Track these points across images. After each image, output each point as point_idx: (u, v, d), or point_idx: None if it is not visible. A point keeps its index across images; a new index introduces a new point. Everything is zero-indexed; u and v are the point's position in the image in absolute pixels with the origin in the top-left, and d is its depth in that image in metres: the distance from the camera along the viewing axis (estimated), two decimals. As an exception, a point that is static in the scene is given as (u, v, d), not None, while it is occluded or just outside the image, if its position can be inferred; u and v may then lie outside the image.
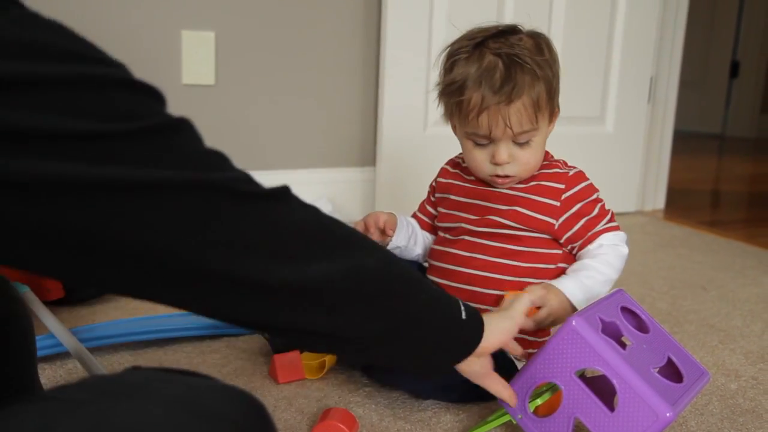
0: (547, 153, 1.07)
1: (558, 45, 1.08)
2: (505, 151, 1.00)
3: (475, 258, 1.06)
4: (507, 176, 1.02)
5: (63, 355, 1.11)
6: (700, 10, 3.91)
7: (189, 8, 1.83)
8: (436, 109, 1.08)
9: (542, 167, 1.06)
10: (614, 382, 0.80)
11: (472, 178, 1.09)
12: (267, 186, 0.57)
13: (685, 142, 3.59)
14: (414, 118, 2.02)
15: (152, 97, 0.52)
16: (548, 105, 1.00)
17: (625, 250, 1.05)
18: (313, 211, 0.61)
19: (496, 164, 1.01)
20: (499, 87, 0.96)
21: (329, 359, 1.09)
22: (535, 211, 1.03)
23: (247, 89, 1.92)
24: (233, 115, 1.92)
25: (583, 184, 1.05)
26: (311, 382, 1.08)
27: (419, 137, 2.03)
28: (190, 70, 1.84)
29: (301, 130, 2.01)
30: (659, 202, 2.48)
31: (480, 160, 1.03)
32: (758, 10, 4.56)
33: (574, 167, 1.07)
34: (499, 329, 0.82)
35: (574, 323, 0.83)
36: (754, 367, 1.21)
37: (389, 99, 1.99)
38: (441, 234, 1.12)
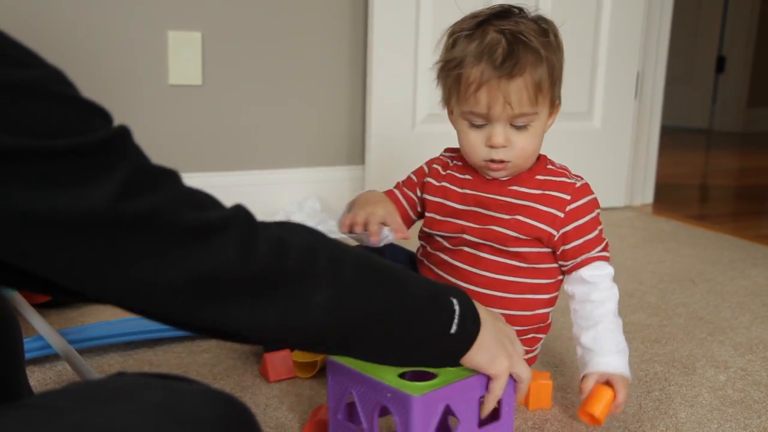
0: (546, 158, 1.04)
1: (544, 40, 1.06)
2: (501, 132, 0.95)
3: (478, 274, 1.02)
4: (502, 161, 0.97)
5: (52, 357, 1.10)
6: (686, 5, 3.93)
7: (175, 8, 1.82)
8: (430, 99, 1.04)
9: (548, 173, 1.01)
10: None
11: (468, 177, 1.04)
12: (218, 211, 0.57)
13: (672, 137, 3.61)
14: (402, 116, 2.02)
15: (90, 111, 0.51)
16: (550, 90, 0.96)
17: (616, 291, 1.01)
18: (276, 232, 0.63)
19: (492, 147, 0.97)
20: (500, 62, 0.92)
21: (320, 358, 1.09)
22: (537, 221, 0.99)
23: (235, 89, 1.92)
24: (221, 116, 1.91)
25: (588, 198, 1.01)
26: (302, 381, 1.08)
27: (407, 135, 2.03)
28: (177, 71, 1.84)
29: (289, 129, 2.00)
30: (647, 196, 2.49)
31: (475, 142, 0.98)
32: (743, 4, 4.59)
33: (581, 177, 1.03)
34: (496, 360, 0.82)
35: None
36: (743, 359, 1.22)
37: (377, 97, 1.99)
38: (437, 238, 1.05)
